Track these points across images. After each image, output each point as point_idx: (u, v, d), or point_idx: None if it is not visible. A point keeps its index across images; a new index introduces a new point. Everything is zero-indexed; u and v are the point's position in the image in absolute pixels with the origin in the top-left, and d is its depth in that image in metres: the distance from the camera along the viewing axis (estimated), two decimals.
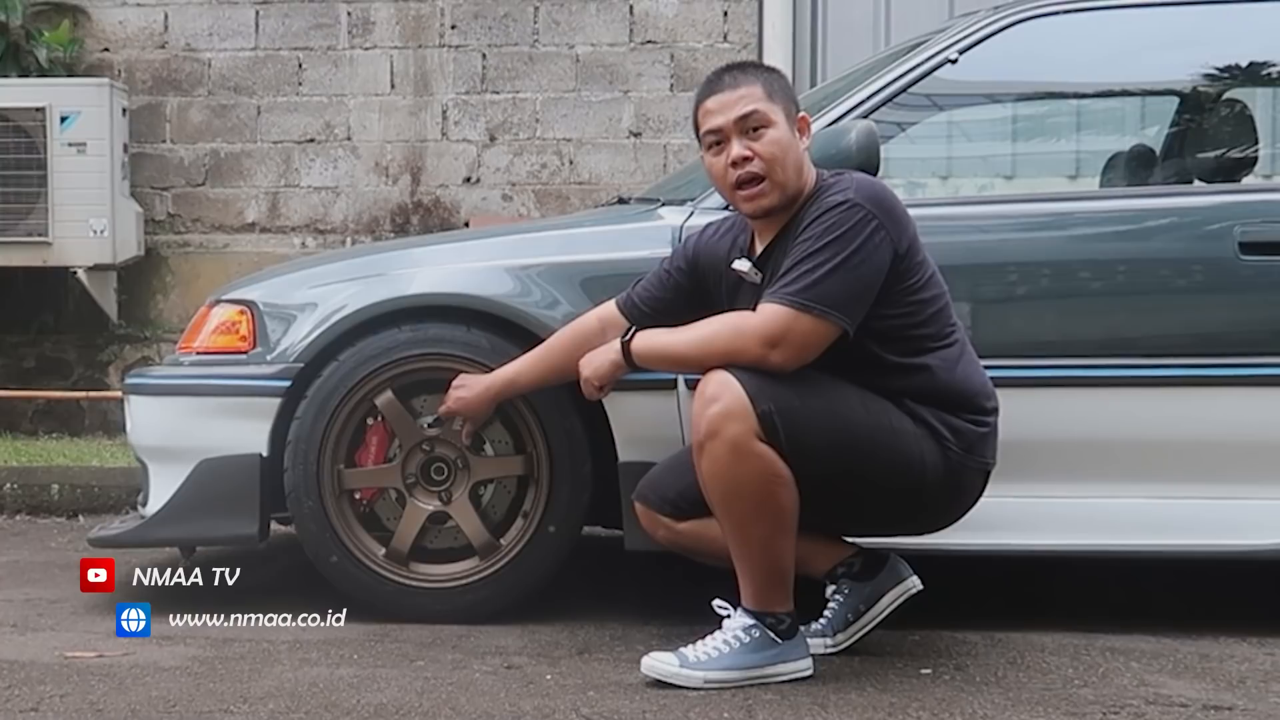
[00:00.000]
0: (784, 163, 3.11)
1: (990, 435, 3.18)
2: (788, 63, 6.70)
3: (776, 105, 3.13)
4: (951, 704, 2.96)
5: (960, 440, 3.12)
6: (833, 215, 3.02)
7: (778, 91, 3.15)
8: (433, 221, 6.88)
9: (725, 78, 3.18)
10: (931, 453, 3.10)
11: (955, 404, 3.13)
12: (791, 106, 3.16)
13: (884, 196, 3.06)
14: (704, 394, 3.02)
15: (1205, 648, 3.43)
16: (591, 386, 3.30)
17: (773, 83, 3.16)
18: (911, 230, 3.09)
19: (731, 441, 2.98)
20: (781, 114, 3.13)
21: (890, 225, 3.02)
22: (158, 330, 6.93)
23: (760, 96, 3.12)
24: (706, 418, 3.00)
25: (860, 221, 3.00)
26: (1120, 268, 3.62)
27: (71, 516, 5.30)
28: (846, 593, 3.32)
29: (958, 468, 3.14)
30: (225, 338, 3.72)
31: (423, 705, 2.94)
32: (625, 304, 3.42)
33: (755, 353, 3.00)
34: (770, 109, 3.12)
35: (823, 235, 3.00)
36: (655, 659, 3.10)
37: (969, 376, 3.17)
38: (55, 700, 2.99)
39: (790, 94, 3.18)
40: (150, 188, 7.00)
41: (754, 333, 3.01)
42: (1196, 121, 4.22)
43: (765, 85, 3.14)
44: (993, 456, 3.20)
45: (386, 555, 3.63)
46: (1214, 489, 3.55)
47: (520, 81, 6.86)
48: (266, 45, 6.96)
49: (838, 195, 3.04)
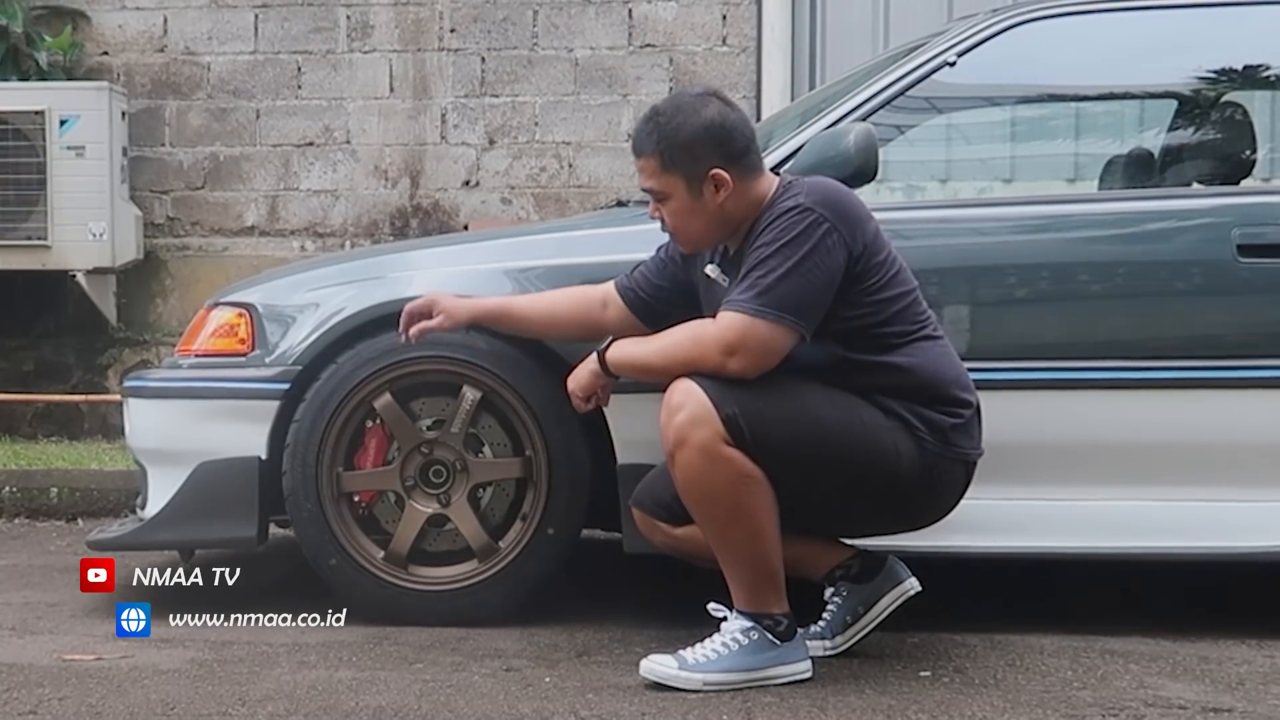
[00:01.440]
0: (686, 227, 3.16)
1: (966, 426, 3.17)
2: (786, 65, 6.71)
3: (673, 175, 3.11)
4: (950, 706, 2.96)
5: (934, 432, 3.12)
6: (784, 220, 3.03)
7: (675, 161, 3.10)
8: (432, 225, 6.89)
9: (637, 136, 3.18)
10: (906, 445, 3.10)
11: (928, 397, 3.13)
12: (696, 168, 3.09)
13: (837, 199, 3.07)
14: (670, 403, 3.04)
15: (1204, 650, 3.43)
16: (577, 399, 3.30)
17: (673, 151, 3.10)
18: (869, 230, 3.08)
19: (699, 447, 2.99)
20: (680, 183, 3.11)
21: (843, 227, 3.03)
22: (157, 333, 6.93)
23: (654, 170, 3.13)
24: (673, 426, 3.01)
25: (811, 225, 3.01)
26: (1119, 270, 3.62)
27: (70, 520, 5.30)
28: (845, 595, 3.32)
29: (934, 459, 3.13)
30: (224, 340, 3.72)
31: (421, 708, 2.94)
32: (623, 287, 3.43)
33: (714, 361, 3.01)
34: (664, 182, 3.13)
35: (774, 241, 3.02)
36: (654, 661, 3.10)
37: (941, 369, 3.16)
38: (54, 703, 2.99)
39: (698, 152, 3.09)
40: (149, 191, 7.00)
41: (712, 341, 3.02)
42: (1195, 124, 4.22)
43: (661, 156, 3.11)
44: (974, 448, 3.20)
45: (385, 558, 3.63)
46: (1212, 491, 3.55)
47: (519, 85, 6.86)
48: (265, 49, 6.96)
49: (789, 200, 3.06)
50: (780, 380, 3.04)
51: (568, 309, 3.45)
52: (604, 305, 3.43)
